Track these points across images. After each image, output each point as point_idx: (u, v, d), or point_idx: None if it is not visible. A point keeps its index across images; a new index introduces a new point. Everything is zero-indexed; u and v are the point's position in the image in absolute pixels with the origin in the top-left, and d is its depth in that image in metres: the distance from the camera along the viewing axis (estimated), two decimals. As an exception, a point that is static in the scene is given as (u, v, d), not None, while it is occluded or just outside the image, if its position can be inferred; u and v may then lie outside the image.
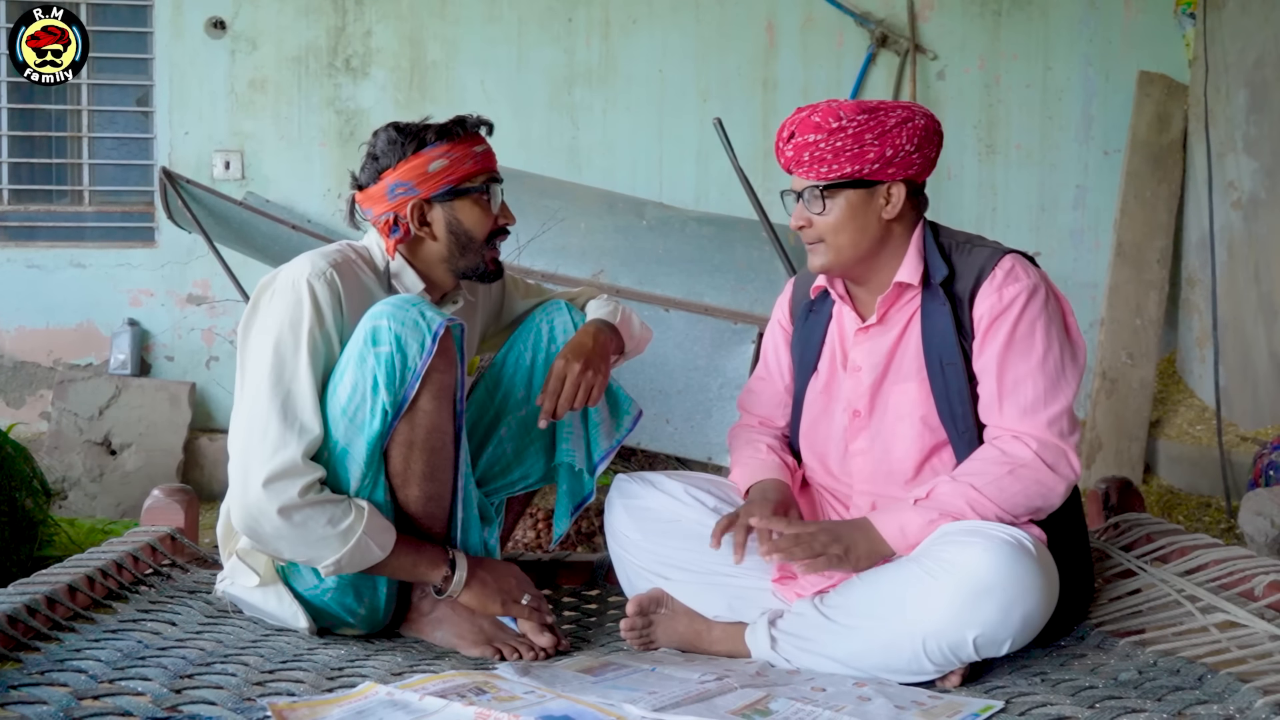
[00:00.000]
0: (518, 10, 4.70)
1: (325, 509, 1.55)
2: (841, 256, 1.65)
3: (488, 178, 1.73)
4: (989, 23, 4.77)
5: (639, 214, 3.47)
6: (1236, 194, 4.21)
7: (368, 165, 1.74)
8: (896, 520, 1.56)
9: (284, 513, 1.53)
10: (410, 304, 1.59)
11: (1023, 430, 1.56)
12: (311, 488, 1.54)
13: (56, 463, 4.13)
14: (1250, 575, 1.68)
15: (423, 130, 1.71)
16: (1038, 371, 1.57)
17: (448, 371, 1.61)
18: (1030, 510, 1.55)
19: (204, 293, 4.63)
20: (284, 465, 1.53)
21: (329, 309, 1.61)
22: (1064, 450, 1.55)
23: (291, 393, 1.57)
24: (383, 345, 1.56)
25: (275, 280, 1.64)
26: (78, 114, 4.69)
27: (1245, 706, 1.26)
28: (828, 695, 1.41)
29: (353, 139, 4.67)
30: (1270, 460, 3.50)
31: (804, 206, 1.65)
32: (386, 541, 1.59)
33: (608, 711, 1.30)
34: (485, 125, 1.76)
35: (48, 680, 1.35)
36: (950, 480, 1.56)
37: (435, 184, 1.69)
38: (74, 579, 1.72)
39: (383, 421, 1.58)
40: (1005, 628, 1.43)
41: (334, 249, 1.71)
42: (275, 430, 1.55)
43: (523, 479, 1.91)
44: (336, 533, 1.55)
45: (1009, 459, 1.54)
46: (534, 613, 1.69)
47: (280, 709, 1.28)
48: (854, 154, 1.59)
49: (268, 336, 1.60)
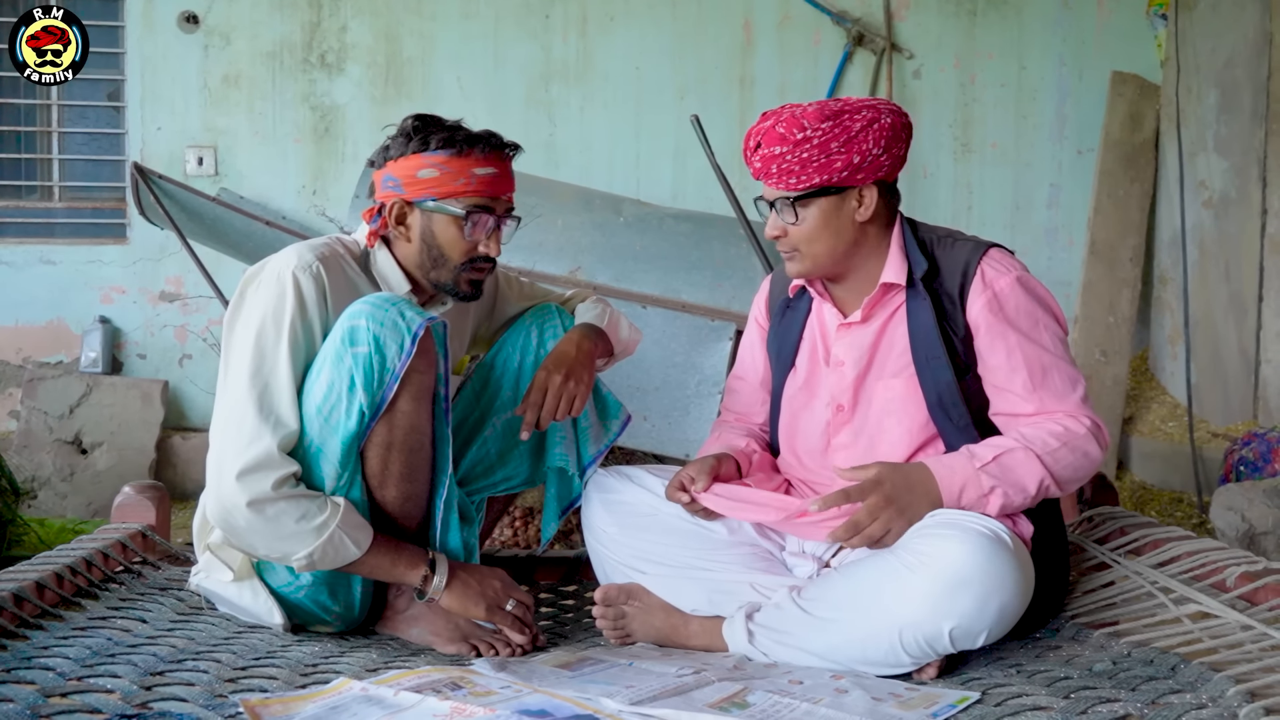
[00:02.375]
0: (494, 6, 4.68)
1: (298, 504, 1.53)
2: (819, 263, 1.66)
3: (476, 204, 1.67)
4: (964, 22, 4.80)
5: (616, 211, 3.46)
6: (1207, 193, 4.26)
7: (380, 150, 1.72)
8: (959, 480, 1.53)
9: (255, 505, 1.51)
10: (390, 303, 1.57)
11: (1065, 410, 1.59)
12: (285, 482, 1.53)
13: (26, 462, 4.08)
14: (1222, 567, 1.69)
15: (431, 133, 1.66)
16: (1058, 358, 1.60)
17: (428, 372, 1.60)
18: (1077, 482, 1.59)
19: (177, 290, 4.58)
20: (257, 458, 1.52)
21: (313, 303, 1.59)
22: (1101, 426, 1.60)
23: (270, 386, 1.56)
24: (360, 346, 1.54)
25: (261, 272, 1.63)
26: (48, 109, 4.63)
27: (1217, 695, 1.27)
28: (805, 688, 1.41)
29: (328, 135, 4.64)
30: (1241, 456, 3.54)
31: (777, 216, 1.65)
32: (362, 539, 1.57)
33: (584, 705, 1.30)
34: (510, 148, 1.70)
35: (14, 678, 1.33)
36: (1017, 446, 1.55)
37: (419, 190, 1.67)
38: (43, 576, 1.69)
39: (359, 422, 1.56)
40: (982, 620, 1.44)
41: (321, 241, 1.69)
42: (251, 423, 1.53)
43: (506, 480, 1.90)
44: (310, 528, 1.53)
45: (1069, 433, 1.57)
46: (516, 621, 1.67)
47: (253, 705, 1.27)
48: (821, 164, 1.58)
49: (250, 329, 1.58)
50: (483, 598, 1.66)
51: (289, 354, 1.56)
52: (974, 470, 1.53)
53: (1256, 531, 2.90)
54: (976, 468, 1.53)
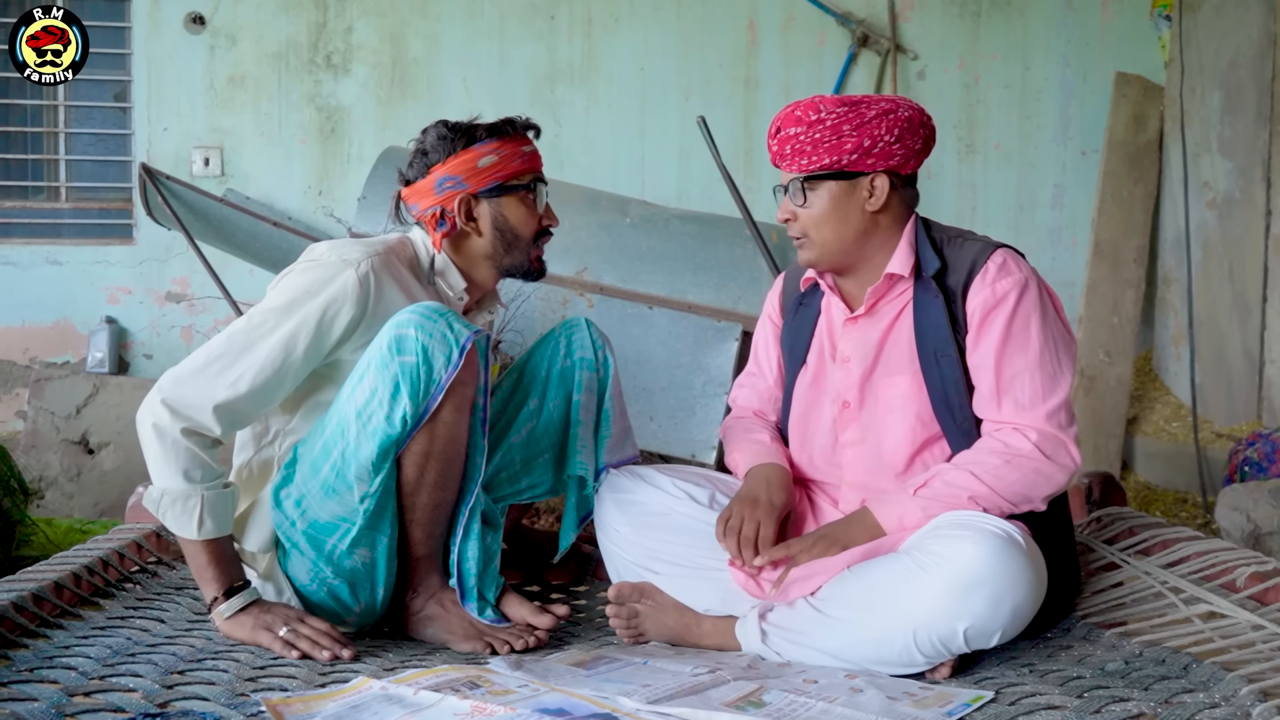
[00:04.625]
0: (499, 7, 4.69)
1: (192, 457, 1.55)
2: (826, 250, 1.66)
3: (534, 177, 1.76)
4: (968, 23, 4.80)
5: (623, 211, 3.47)
6: (1211, 194, 4.27)
7: (416, 160, 1.74)
8: (895, 510, 1.57)
9: (157, 430, 1.55)
10: (438, 314, 1.58)
11: (1022, 423, 1.57)
12: (194, 436, 1.55)
13: (33, 462, 4.08)
14: (1232, 567, 1.70)
15: (473, 127, 1.73)
16: (1035, 366, 1.58)
17: (471, 383, 1.62)
18: (1030, 499, 1.56)
19: (183, 290, 4.59)
20: (190, 403, 1.55)
21: (352, 303, 1.61)
22: (1063, 441, 1.57)
23: (255, 347, 1.58)
24: (408, 355, 1.55)
25: (323, 254, 1.66)
26: (54, 109, 4.64)
27: (1230, 694, 1.28)
28: (820, 687, 1.42)
29: (333, 136, 4.65)
30: (1245, 456, 3.55)
31: (788, 199, 1.66)
32: (208, 528, 1.56)
33: (602, 704, 1.31)
34: (533, 129, 1.78)
35: (38, 677, 1.34)
36: (951, 469, 1.57)
37: (484, 179, 1.71)
38: (61, 576, 1.71)
39: (401, 428, 1.58)
40: (995, 620, 1.45)
41: (381, 243, 1.72)
42: (215, 369, 1.57)
43: (530, 489, 1.91)
44: (181, 479, 1.55)
45: (1008, 449, 1.56)
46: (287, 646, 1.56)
47: (275, 704, 1.28)
48: (832, 145, 1.60)
49: (280, 294, 1.62)
50: (263, 627, 1.58)
51: (291, 333, 1.59)
52: (909, 497, 1.57)
53: (1261, 532, 2.91)
54: (911, 494, 1.57)
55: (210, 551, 1.59)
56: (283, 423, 1.71)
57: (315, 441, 1.63)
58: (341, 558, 1.64)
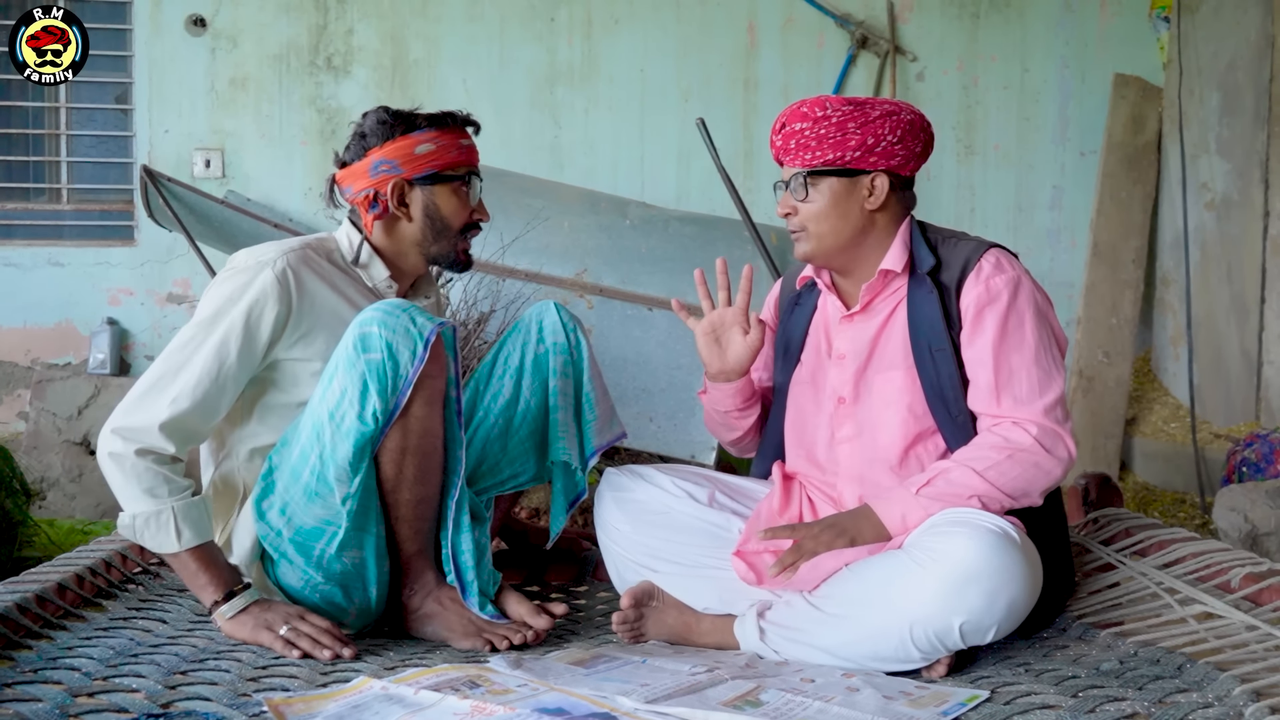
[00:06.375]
0: (499, 9, 4.70)
1: (155, 476, 1.57)
2: (824, 244, 1.68)
3: (469, 170, 1.78)
4: (967, 25, 4.82)
5: (622, 213, 3.48)
6: (1209, 195, 4.28)
7: (354, 143, 1.77)
8: (898, 509, 1.58)
9: (115, 458, 1.58)
10: (401, 310, 1.59)
11: (1022, 417, 1.59)
12: (149, 454, 1.58)
13: (35, 463, 4.10)
14: (1227, 568, 1.72)
15: (413, 115, 1.75)
16: (1031, 362, 1.60)
17: (440, 376, 1.63)
18: (1031, 493, 1.58)
19: (184, 291, 4.61)
20: (137, 425, 1.58)
21: (274, 300, 1.64)
22: (1060, 434, 1.59)
23: (189, 363, 1.60)
24: (373, 352, 1.57)
25: (240, 260, 1.69)
26: (56, 111, 4.65)
27: (1223, 694, 1.29)
28: (817, 686, 1.43)
29: (334, 137, 4.66)
30: (1243, 457, 3.56)
31: (790, 194, 1.68)
32: (186, 538, 1.58)
33: (600, 703, 1.32)
34: (473, 125, 1.80)
35: (41, 678, 1.36)
36: (953, 467, 1.58)
37: (419, 166, 1.73)
38: (63, 577, 1.72)
39: (374, 425, 1.58)
40: (991, 615, 1.46)
41: (298, 241, 1.76)
42: (153, 391, 1.60)
43: (513, 478, 1.92)
44: (149, 499, 1.57)
45: (1010, 444, 1.57)
46: (288, 645, 1.57)
47: (277, 704, 1.29)
48: (836, 141, 1.63)
49: (205, 306, 1.65)
50: (264, 626, 1.59)
51: (220, 341, 1.61)
52: (911, 495, 1.57)
53: (1259, 532, 2.92)
54: (913, 493, 1.57)
55: (197, 559, 1.60)
56: (237, 432, 1.72)
57: (292, 448, 1.64)
58: (331, 562, 1.64)
